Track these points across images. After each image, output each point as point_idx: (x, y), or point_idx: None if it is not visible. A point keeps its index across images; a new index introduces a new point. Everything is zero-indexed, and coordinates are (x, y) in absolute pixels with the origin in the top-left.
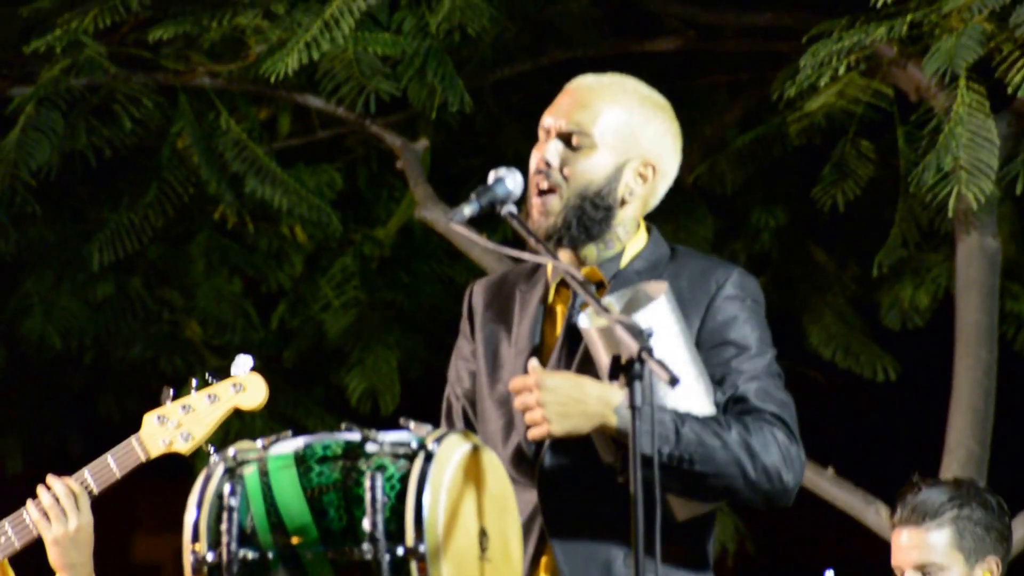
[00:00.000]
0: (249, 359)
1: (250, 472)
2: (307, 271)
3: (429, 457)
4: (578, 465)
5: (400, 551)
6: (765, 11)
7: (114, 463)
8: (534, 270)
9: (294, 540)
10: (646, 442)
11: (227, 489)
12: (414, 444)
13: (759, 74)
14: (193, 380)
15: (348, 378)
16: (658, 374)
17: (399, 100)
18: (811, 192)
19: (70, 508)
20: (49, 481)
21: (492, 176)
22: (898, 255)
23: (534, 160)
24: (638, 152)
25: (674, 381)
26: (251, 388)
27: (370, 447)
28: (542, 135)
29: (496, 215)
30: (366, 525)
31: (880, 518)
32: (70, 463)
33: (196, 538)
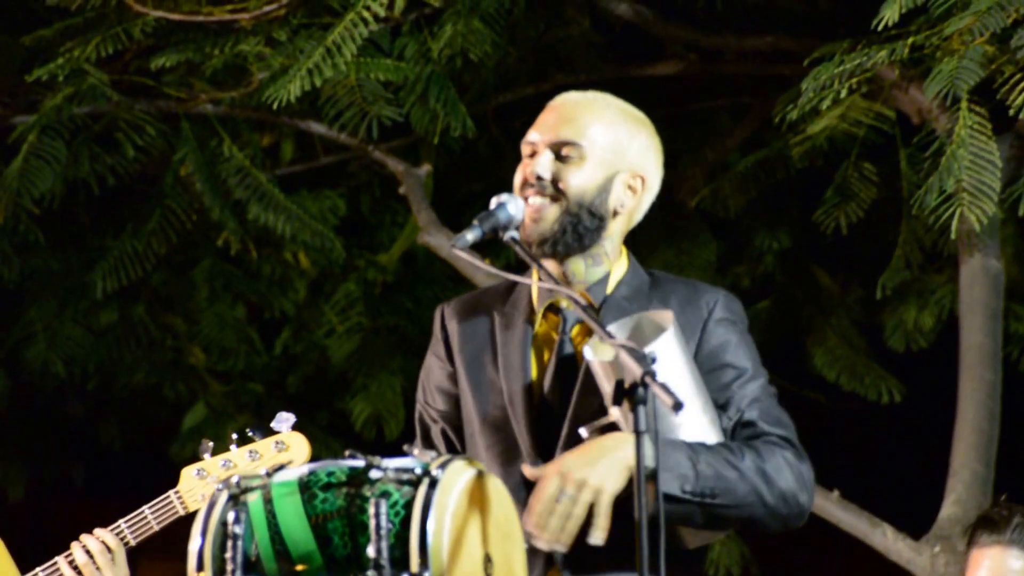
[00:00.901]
0: (292, 417)
1: (254, 499)
2: (310, 297)
3: (433, 483)
4: None
5: None
6: (766, 35)
7: (152, 517)
8: (509, 290)
9: (299, 568)
10: (668, 480)
11: (231, 517)
12: (418, 470)
13: (761, 97)
14: (233, 435)
15: (352, 404)
16: (661, 399)
17: (402, 126)
18: (814, 215)
19: (105, 565)
20: (83, 539)
21: (494, 202)
22: (901, 277)
23: (520, 176)
24: (626, 164)
25: (678, 406)
26: (294, 446)
27: (374, 473)
28: (527, 151)
29: (499, 240)
30: (371, 552)
31: (887, 540)
32: (72, 491)
33: (201, 566)
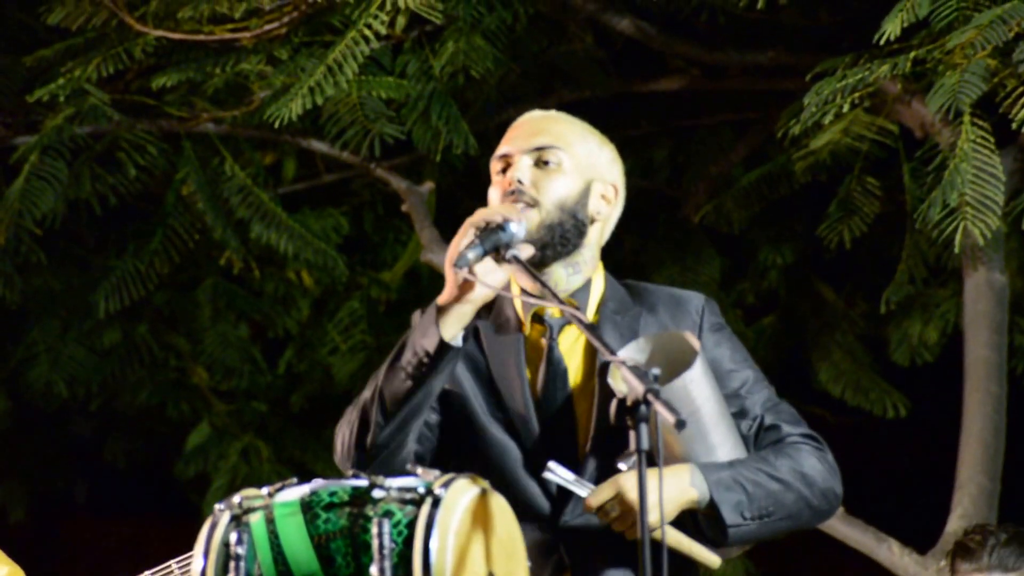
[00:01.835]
0: None
1: (256, 520)
2: (314, 315)
3: (436, 502)
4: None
5: None
6: (768, 50)
7: None
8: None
9: None
10: (728, 511)
11: (233, 537)
12: (421, 489)
13: (764, 112)
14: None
15: None
16: (664, 416)
17: (404, 143)
18: (817, 230)
19: None
20: None
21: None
22: (906, 291)
23: (499, 189)
24: (599, 174)
25: (680, 424)
26: None
27: (377, 493)
28: (499, 166)
29: (500, 258)
30: (374, 571)
31: (893, 555)
32: (76, 510)
33: None
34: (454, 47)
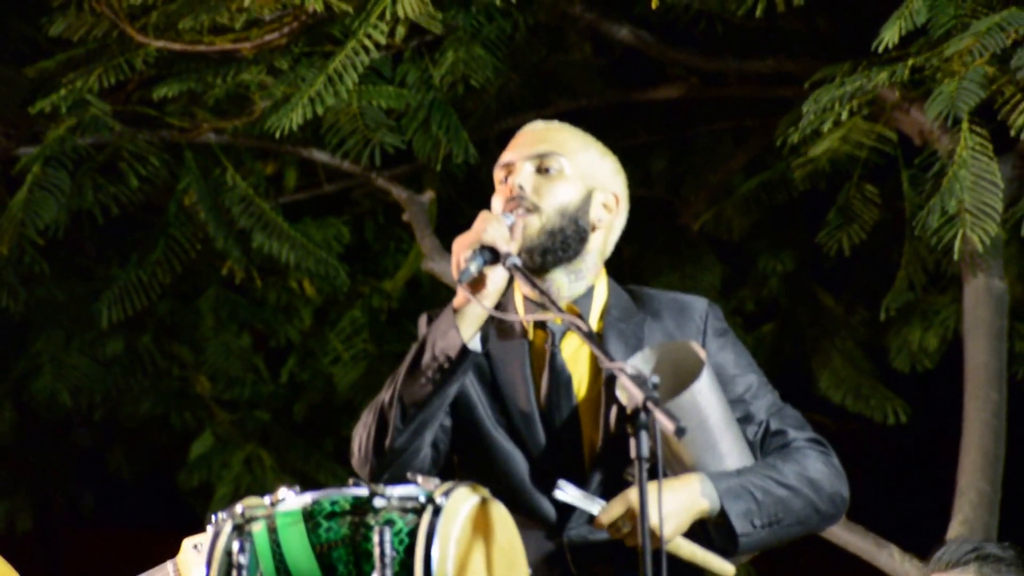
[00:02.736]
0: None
1: (258, 529)
2: (316, 325)
3: (437, 511)
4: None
5: None
6: (767, 57)
7: None
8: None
9: None
10: (739, 522)
11: (236, 547)
12: (422, 498)
13: (763, 120)
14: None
15: None
16: (663, 424)
17: (404, 152)
18: (817, 237)
19: None
20: None
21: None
22: (905, 298)
23: (501, 197)
24: (601, 183)
25: (680, 432)
26: None
27: (378, 502)
28: (502, 174)
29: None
30: None
31: (894, 561)
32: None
33: None
34: (454, 57)
